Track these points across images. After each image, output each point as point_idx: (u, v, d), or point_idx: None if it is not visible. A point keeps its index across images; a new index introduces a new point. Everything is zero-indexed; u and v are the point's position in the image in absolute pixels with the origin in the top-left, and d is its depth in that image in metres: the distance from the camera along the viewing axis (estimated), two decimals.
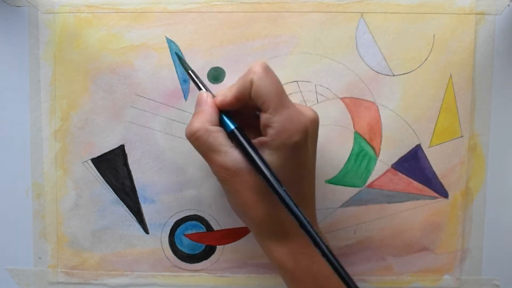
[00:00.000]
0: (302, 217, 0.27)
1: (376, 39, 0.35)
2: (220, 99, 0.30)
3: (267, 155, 0.29)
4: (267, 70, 0.28)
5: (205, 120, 0.30)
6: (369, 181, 0.36)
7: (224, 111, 0.31)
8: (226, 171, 0.29)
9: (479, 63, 0.35)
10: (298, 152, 0.29)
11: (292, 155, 0.29)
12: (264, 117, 0.28)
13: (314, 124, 0.30)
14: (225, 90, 0.31)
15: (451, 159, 0.36)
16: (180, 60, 0.35)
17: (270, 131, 0.28)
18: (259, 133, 0.30)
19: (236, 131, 0.30)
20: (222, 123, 0.30)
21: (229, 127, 0.30)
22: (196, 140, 0.30)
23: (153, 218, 0.37)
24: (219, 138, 0.29)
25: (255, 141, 0.30)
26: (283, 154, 0.28)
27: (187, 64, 0.34)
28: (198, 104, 0.31)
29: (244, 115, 0.31)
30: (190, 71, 0.33)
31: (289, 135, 0.28)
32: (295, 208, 0.27)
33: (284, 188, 0.28)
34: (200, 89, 0.32)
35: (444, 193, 0.37)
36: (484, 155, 0.36)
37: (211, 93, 0.32)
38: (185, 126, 0.30)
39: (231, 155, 0.29)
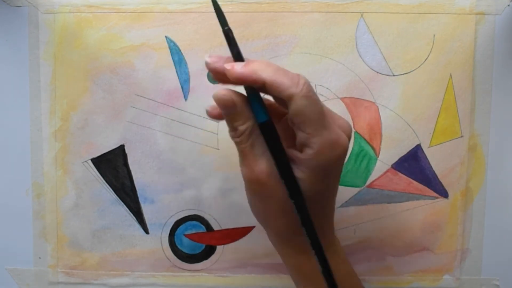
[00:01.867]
0: (319, 242, 0.26)
1: (376, 39, 0.35)
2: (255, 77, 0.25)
3: (298, 172, 0.26)
4: (311, 88, 0.25)
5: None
6: (369, 181, 0.36)
7: (255, 94, 0.26)
8: (255, 178, 0.27)
9: (479, 63, 0.35)
10: (330, 175, 0.27)
11: (325, 178, 0.27)
12: (301, 135, 0.26)
13: (349, 140, 0.27)
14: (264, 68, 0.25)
15: (451, 159, 0.36)
16: (216, 11, 0.26)
17: (308, 151, 0.26)
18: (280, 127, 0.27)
19: (268, 127, 0.26)
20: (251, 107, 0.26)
21: (262, 117, 0.26)
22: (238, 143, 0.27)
23: (153, 218, 0.37)
24: (256, 142, 0.27)
25: (288, 152, 0.27)
26: (316, 176, 0.26)
27: (225, 18, 0.26)
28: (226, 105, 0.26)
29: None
30: (227, 28, 0.26)
31: (328, 159, 0.26)
32: (314, 231, 0.26)
33: (307, 207, 0.26)
34: (239, 58, 0.26)
35: (444, 193, 0.37)
36: (484, 155, 0.36)
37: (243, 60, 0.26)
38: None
39: (261, 161, 0.26)
